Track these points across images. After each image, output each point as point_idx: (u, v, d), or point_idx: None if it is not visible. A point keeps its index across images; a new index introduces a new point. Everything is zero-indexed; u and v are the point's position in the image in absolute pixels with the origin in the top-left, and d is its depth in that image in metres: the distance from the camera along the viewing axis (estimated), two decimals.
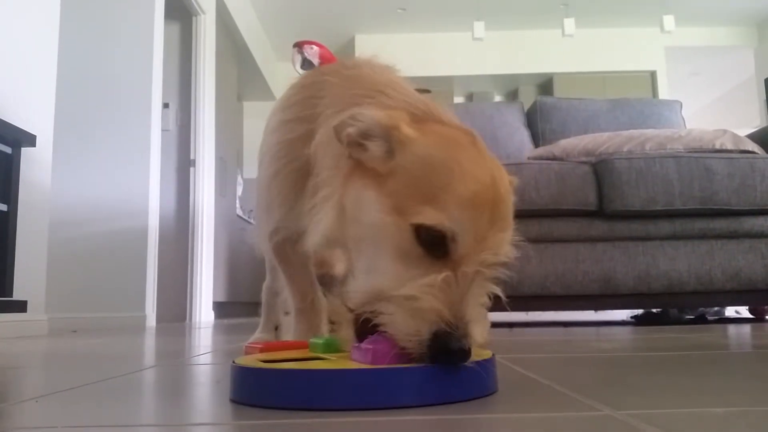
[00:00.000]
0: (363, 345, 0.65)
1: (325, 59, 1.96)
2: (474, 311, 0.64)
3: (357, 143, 0.72)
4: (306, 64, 1.91)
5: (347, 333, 0.69)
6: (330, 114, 0.86)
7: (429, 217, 0.64)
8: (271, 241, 1.08)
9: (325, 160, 0.81)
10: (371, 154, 0.71)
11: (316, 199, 0.82)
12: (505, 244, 0.67)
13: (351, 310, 0.69)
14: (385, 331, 0.64)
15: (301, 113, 0.96)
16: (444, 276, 0.63)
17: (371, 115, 0.71)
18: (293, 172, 0.93)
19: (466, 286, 0.64)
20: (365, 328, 0.66)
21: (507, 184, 0.72)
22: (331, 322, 0.94)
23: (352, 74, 0.93)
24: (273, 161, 1.01)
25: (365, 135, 0.71)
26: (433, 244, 0.64)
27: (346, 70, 0.96)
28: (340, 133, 0.73)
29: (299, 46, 2.03)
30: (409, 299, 0.62)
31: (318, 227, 0.79)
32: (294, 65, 1.92)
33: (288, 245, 1.04)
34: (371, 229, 0.69)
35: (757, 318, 3.02)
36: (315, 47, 2.07)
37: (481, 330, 0.64)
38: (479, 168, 0.68)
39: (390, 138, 0.70)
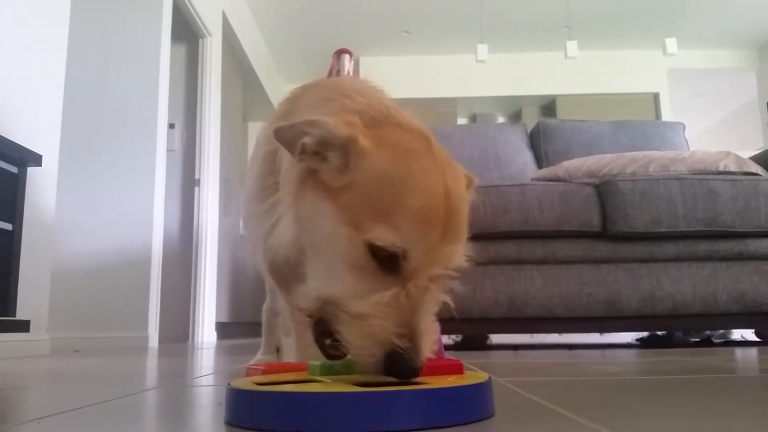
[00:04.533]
0: None
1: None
2: (424, 324, 0.65)
3: (314, 152, 0.72)
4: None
5: (306, 336, 0.71)
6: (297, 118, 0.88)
7: (381, 235, 0.65)
8: (266, 260, 1.07)
9: (289, 171, 0.81)
10: (328, 166, 0.71)
11: (278, 210, 0.83)
12: (456, 256, 0.67)
13: (308, 314, 0.70)
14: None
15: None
16: (394, 292, 0.64)
17: (328, 122, 0.70)
18: (276, 185, 0.91)
19: (416, 301, 0.65)
20: (321, 329, 0.68)
21: (461, 190, 0.71)
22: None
23: (326, 83, 0.97)
24: (257, 176, 1.01)
25: (324, 145, 0.71)
26: (385, 260, 0.66)
27: (324, 81, 0.98)
28: (288, 139, 0.73)
29: (349, 53, 2.04)
30: (362, 317, 0.64)
31: (280, 240, 0.82)
32: (341, 71, 1.92)
33: (283, 263, 1.03)
34: (327, 239, 0.70)
35: (763, 341, 2.99)
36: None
37: (430, 342, 0.65)
38: (432, 179, 0.68)
39: (347, 151, 0.70)
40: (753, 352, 2.12)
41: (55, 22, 2.80)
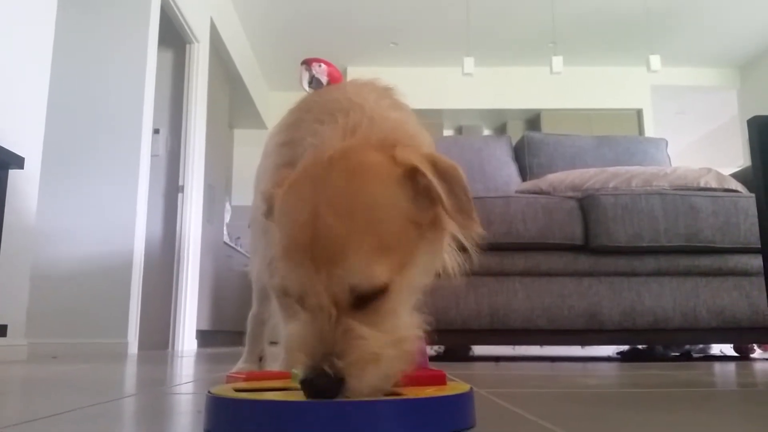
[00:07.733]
0: None
1: (333, 78, 1.95)
2: (348, 350, 0.61)
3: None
4: (314, 82, 1.90)
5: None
6: (308, 141, 0.91)
7: (276, 281, 0.69)
8: (270, 268, 1.07)
9: None
10: None
11: None
12: (337, 278, 0.61)
13: None
14: None
15: (293, 135, 0.98)
16: (302, 325, 0.64)
17: (264, 191, 0.78)
18: None
19: (324, 326, 0.62)
20: None
21: (342, 206, 0.63)
22: None
23: (324, 98, 0.97)
24: (267, 186, 1.02)
25: (269, 210, 0.77)
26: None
27: (326, 93, 0.99)
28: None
29: (307, 63, 2.00)
30: (287, 350, 0.67)
31: None
32: (301, 83, 1.89)
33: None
34: None
35: (741, 356, 3.02)
36: (323, 65, 2.04)
37: (372, 371, 0.62)
38: (301, 209, 0.65)
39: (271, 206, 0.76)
40: (731, 366, 2.14)
41: (41, 24, 2.78)
